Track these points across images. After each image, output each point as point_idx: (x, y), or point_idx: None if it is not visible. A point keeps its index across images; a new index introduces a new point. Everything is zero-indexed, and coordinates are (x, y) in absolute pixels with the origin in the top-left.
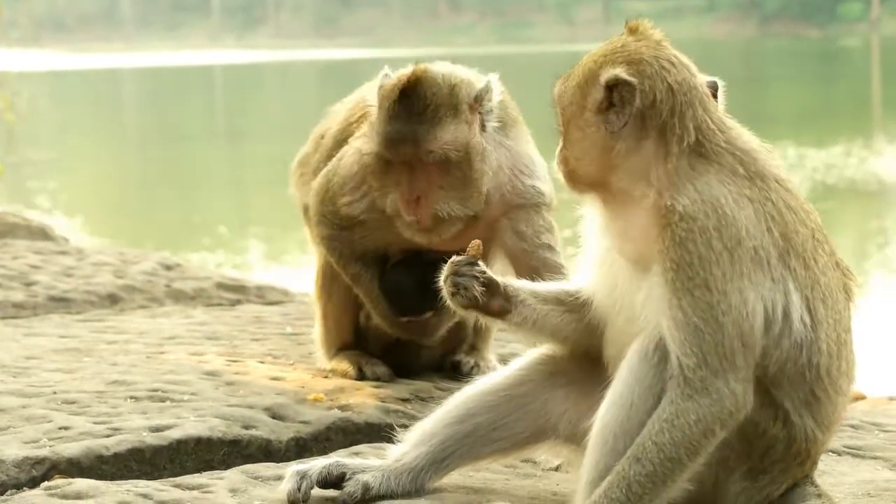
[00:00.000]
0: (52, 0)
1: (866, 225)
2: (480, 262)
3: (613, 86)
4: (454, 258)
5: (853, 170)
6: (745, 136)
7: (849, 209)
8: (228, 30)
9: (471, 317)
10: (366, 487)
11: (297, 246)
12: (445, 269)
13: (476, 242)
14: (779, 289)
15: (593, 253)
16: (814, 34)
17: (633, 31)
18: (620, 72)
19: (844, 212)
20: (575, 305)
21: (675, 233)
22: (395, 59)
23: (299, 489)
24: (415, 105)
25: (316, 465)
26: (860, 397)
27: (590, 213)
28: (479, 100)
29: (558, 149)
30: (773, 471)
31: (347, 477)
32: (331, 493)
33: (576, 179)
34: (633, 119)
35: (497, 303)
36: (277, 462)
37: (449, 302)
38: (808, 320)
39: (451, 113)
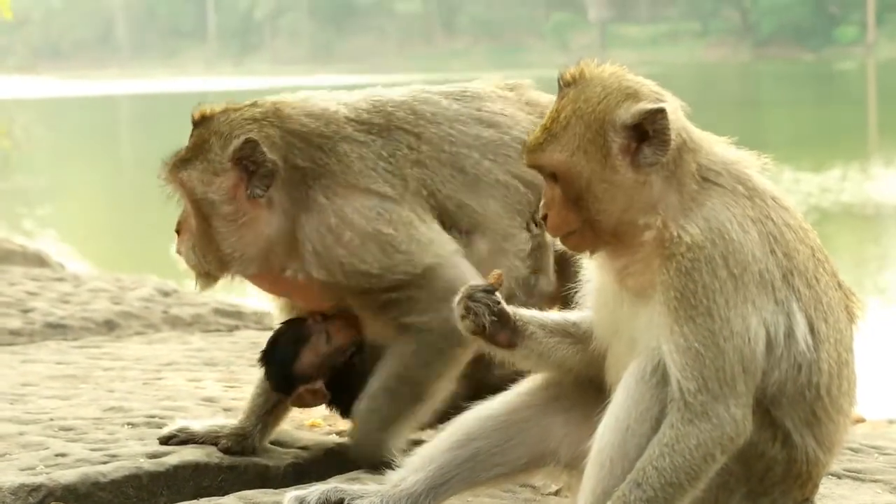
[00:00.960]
0: (48, 27)
1: (863, 248)
2: (497, 293)
3: (636, 123)
4: (472, 282)
5: (849, 194)
6: (730, 150)
7: (845, 233)
8: (224, 56)
9: (476, 344)
10: None
11: None
12: (461, 292)
13: (497, 272)
14: (782, 310)
15: (594, 282)
16: (809, 58)
17: (581, 76)
18: (644, 104)
19: (841, 236)
20: (580, 336)
21: (680, 263)
22: (391, 84)
23: None
24: (190, 138)
25: (314, 490)
26: (860, 420)
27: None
28: (240, 158)
29: (558, 224)
30: (773, 493)
31: (346, 502)
32: None
33: (594, 239)
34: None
35: (505, 335)
36: (275, 488)
37: (458, 324)
38: (810, 340)
39: (204, 159)
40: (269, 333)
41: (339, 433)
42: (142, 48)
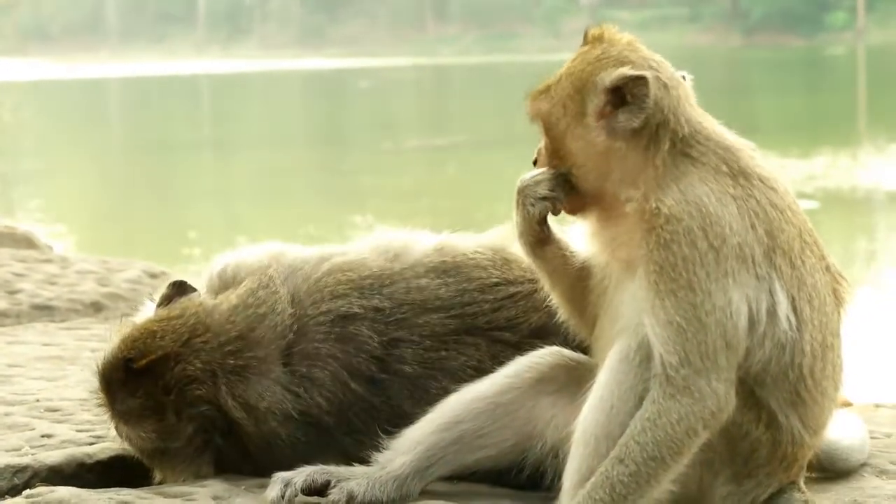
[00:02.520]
0: (38, 10)
1: (852, 235)
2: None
3: (619, 86)
4: (536, 174)
5: (838, 180)
6: (727, 134)
7: (834, 219)
8: (214, 40)
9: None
10: (350, 495)
11: None
12: (533, 180)
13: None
14: (763, 287)
15: (585, 253)
16: (799, 44)
17: (599, 38)
18: (626, 70)
19: (830, 222)
20: (585, 271)
21: (660, 235)
22: (381, 69)
23: (283, 496)
24: (137, 392)
25: (301, 472)
26: (847, 404)
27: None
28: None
29: (545, 171)
30: (758, 475)
31: (332, 484)
32: (315, 500)
33: (580, 200)
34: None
35: (547, 229)
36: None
37: (536, 206)
38: (793, 320)
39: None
40: None
41: None
42: (131, 32)
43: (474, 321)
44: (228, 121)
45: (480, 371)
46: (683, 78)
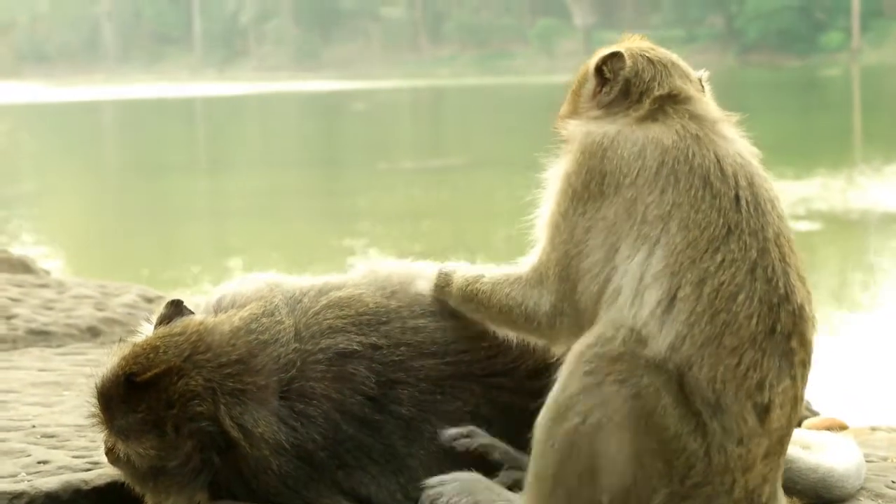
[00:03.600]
0: (34, 32)
1: (847, 257)
2: None
3: (602, 66)
4: None
5: (833, 202)
6: (715, 112)
7: (830, 242)
8: (210, 62)
9: None
10: None
11: None
12: None
13: None
14: (643, 248)
15: None
16: (794, 64)
17: (622, 41)
18: (606, 50)
19: (825, 245)
20: None
21: (570, 159)
22: (376, 91)
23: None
24: (132, 405)
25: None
26: (842, 427)
27: None
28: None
29: None
30: (696, 496)
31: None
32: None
33: None
34: (622, 87)
35: None
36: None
37: None
38: (662, 293)
39: (159, 435)
40: None
41: None
42: (127, 54)
43: (470, 368)
44: (224, 143)
45: (476, 416)
46: (700, 78)
